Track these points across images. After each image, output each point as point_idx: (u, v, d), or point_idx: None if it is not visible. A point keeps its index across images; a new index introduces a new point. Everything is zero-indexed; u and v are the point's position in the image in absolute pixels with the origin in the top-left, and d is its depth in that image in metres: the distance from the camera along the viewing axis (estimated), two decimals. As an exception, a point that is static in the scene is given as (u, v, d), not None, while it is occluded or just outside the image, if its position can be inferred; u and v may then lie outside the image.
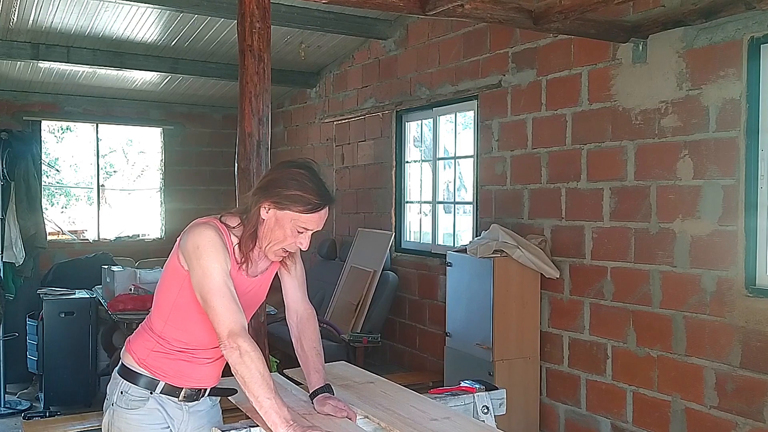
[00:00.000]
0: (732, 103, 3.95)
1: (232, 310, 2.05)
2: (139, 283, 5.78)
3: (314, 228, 2.19)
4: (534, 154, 5.24)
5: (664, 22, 4.24)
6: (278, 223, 2.16)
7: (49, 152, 9.67)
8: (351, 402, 2.29)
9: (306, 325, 2.42)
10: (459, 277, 5.29)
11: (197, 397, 2.32)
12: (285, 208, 2.14)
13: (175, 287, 2.21)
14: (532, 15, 4.05)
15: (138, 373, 2.26)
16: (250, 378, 1.98)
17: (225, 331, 2.02)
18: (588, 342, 4.84)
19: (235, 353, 2.00)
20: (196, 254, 2.10)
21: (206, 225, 2.16)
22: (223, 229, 2.18)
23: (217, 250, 2.10)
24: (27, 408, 5.95)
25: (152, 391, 2.25)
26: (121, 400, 2.26)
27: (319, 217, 2.18)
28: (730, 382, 3.98)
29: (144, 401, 2.25)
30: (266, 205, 2.16)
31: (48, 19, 6.15)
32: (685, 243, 4.21)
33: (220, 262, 2.09)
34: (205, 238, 2.11)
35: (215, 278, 2.07)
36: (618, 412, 4.64)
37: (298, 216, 2.15)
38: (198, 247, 2.10)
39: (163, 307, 2.25)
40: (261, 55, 3.44)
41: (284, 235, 2.17)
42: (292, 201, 2.14)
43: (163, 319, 2.25)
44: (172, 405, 2.28)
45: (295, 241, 2.19)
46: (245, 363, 1.99)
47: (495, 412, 2.55)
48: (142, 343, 2.29)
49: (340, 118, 7.80)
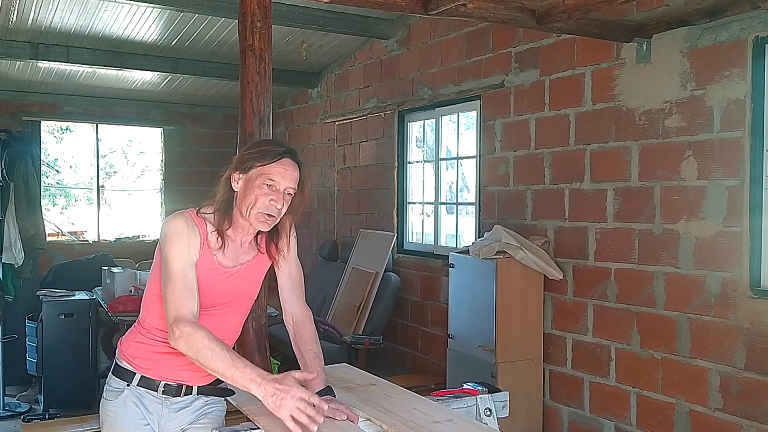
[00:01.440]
0: (737, 104, 3.94)
1: (182, 296, 2.07)
2: (139, 284, 5.76)
3: (281, 180, 2.17)
4: (537, 154, 5.22)
5: (668, 21, 4.23)
6: (247, 186, 2.18)
7: (49, 153, 9.68)
8: (352, 404, 2.27)
9: (302, 327, 2.41)
10: (461, 278, 5.28)
11: (178, 393, 2.29)
12: (249, 167, 2.17)
13: (157, 277, 2.23)
14: (535, 14, 4.04)
15: (120, 366, 2.30)
16: (203, 357, 1.97)
17: (171, 317, 2.04)
18: (591, 344, 4.83)
19: (180, 341, 2.00)
20: (162, 243, 2.15)
21: (176, 214, 2.21)
22: (195, 217, 2.20)
23: (180, 237, 2.13)
24: (26, 410, 5.92)
25: (129, 383, 2.26)
26: (106, 392, 2.32)
27: (282, 167, 2.17)
28: (734, 384, 3.97)
29: (119, 392, 2.27)
30: (234, 176, 2.20)
31: (47, 18, 6.13)
32: (690, 244, 4.19)
33: (181, 249, 2.12)
34: (171, 226, 2.16)
35: (172, 265, 2.10)
36: (622, 414, 4.62)
37: (260, 170, 2.16)
38: (165, 235, 2.16)
39: (147, 297, 2.30)
40: (262, 55, 3.44)
41: (255, 196, 2.16)
42: (252, 158, 2.18)
43: (146, 308, 2.29)
44: (150, 399, 2.27)
45: (267, 200, 2.16)
46: (192, 346, 1.98)
47: (498, 414, 2.54)
48: (129, 336, 2.35)
49: (341, 119, 7.79)
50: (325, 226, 8.09)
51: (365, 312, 6.37)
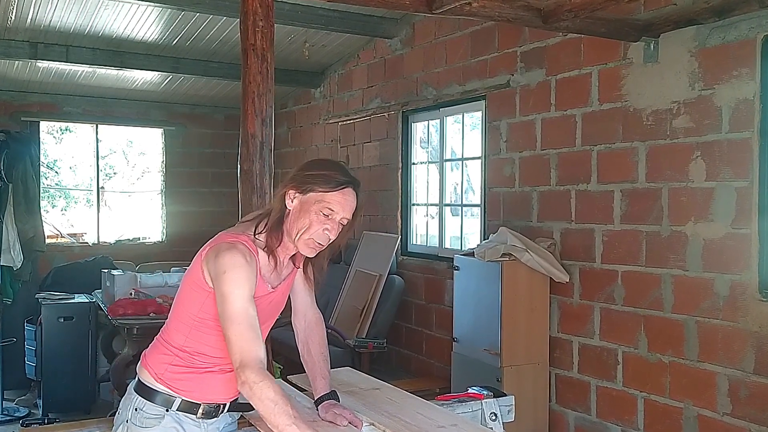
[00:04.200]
0: (745, 104, 3.93)
1: (247, 339, 1.99)
2: (139, 287, 5.75)
3: (340, 211, 2.10)
4: (543, 155, 5.20)
5: (676, 20, 4.21)
6: (303, 207, 2.10)
7: (48, 153, 9.65)
8: (356, 409, 2.27)
9: (314, 329, 2.40)
10: (466, 281, 5.26)
11: (216, 414, 2.24)
12: (308, 189, 2.09)
13: (197, 301, 2.13)
14: (541, 13, 4.02)
15: (154, 389, 2.17)
16: (265, 409, 1.93)
17: (236, 362, 1.97)
18: (598, 347, 4.80)
19: (245, 387, 1.95)
20: (223, 279, 2.03)
21: (236, 249, 2.06)
22: (251, 246, 2.10)
23: (243, 275, 2.03)
24: (25, 415, 5.89)
25: (168, 408, 2.17)
26: (136, 417, 2.18)
27: (343, 197, 2.10)
28: (743, 389, 3.95)
29: (159, 419, 2.17)
30: (290, 193, 2.12)
31: (47, 17, 6.10)
32: (698, 246, 4.17)
33: (242, 287, 2.02)
34: (232, 263, 2.03)
35: (234, 304, 2.00)
36: (629, 419, 4.60)
37: (321, 196, 2.09)
38: (224, 272, 2.02)
39: (183, 320, 2.18)
40: (264, 55, 3.41)
41: (310, 221, 2.09)
42: (314, 181, 2.10)
43: (184, 333, 2.17)
44: (189, 423, 2.20)
45: (321, 228, 2.10)
46: (256, 395, 1.93)
47: (503, 419, 2.56)
48: (159, 357, 2.21)
49: (344, 119, 7.76)
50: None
51: (369, 315, 6.36)
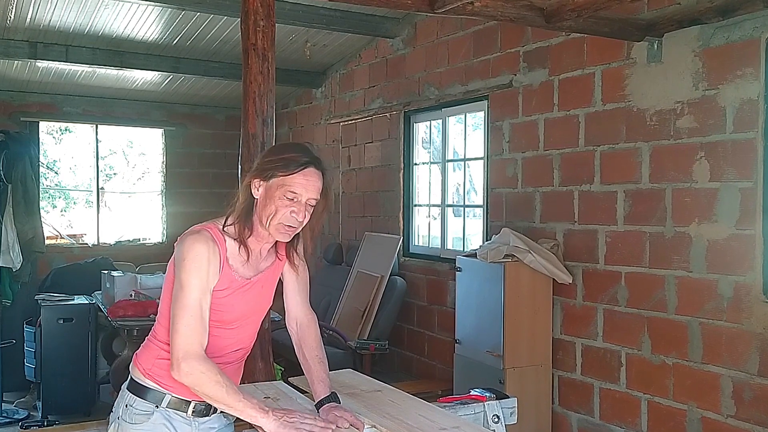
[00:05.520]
0: (750, 104, 3.91)
1: (194, 330, 2.02)
2: (139, 288, 5.76)
3: (303, 192, 2.09)
4: (546, 155, 5.18)
5: (679, 20, 4.20)
6: (268, 194, 2.10)
7: (48, 154, 9.64)
8: (358, 411, 2.26)
9: (306, 331, 2.38)
10: (469, 282, 5.24)
11: (207, 412, 2.22)
12: (270, 176, 2.09)
13: None
14: (544, 13, 4.02)
15: (143, 385, 2.18)
16: (213, 392, 2.00)
17: (180, 351, 2.00)
18: (601, 349, 4.79)
19: (191, 377, 2.00)
20: (178, 265, 2.07)
21: (198, 236, 2.09)
22: (216, 235, 2.12)
23: (199, 264, 2.05)
24: (24, 417, 5.88)
25: (158, 404, 2.16)
26: (126, 414, 2.19)
27: (305, 179, 2.09)
28: (747, 391, 3.94)
29: (148, 415, 2.16)
30: (255, 182, 2.13)
31: (46, 17, 6.09)
32: (702, 247, 4.16)
33: (199, 277, 2.04)
34: (190, 251, 2.07)
35: (188, 294, 2.03)
36: (632, 421, 4.58)
37: (282, 180, 2.08)
38: (182, 258, 2.07)
39: (166, 314, 2.17)
40: (265, 54, 3.43)
41: (275, 207, 2.09)
42: (275, 166, 2.10)
43: (167, 326, 2.15)
44: (179, 420, 2.18)
45: (287, 211, 2.09)
46: (201, 381, 2.00)
47: (506, 421, 2.56)
48: (148, 353, 2.22)
49: (346, 119, 7.75)
50: (330, 229, 8.03)
51: (370, 317, 6.35)
